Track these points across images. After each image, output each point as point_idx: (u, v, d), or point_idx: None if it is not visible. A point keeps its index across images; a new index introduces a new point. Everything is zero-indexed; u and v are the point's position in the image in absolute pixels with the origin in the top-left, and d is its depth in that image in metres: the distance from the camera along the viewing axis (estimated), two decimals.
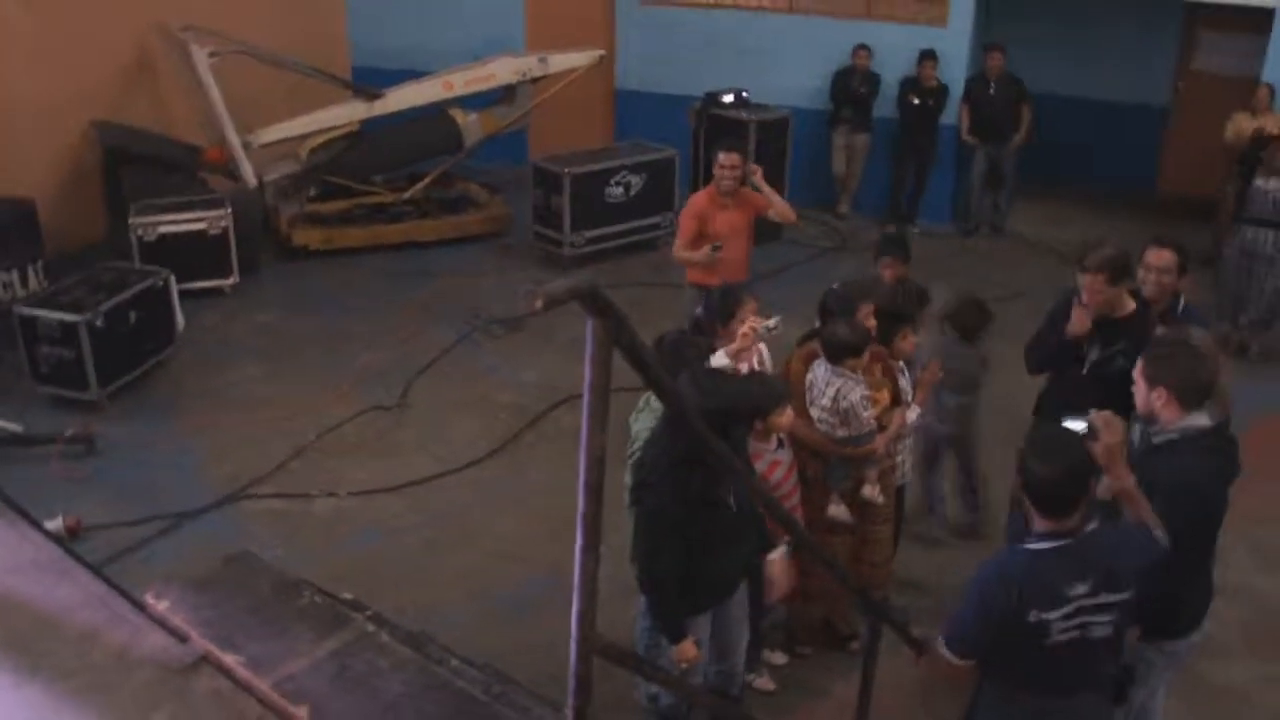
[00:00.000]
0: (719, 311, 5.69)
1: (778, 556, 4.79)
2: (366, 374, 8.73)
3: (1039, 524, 3.62)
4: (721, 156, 7.56)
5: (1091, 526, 3.61)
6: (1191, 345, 4.24)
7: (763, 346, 5.77)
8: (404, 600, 5.76)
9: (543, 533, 6.66)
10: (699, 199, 7.72)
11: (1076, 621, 3.60)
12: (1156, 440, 4.18)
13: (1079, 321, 5.35)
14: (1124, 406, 4.31)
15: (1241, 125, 10.86)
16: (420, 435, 7.95)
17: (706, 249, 7.40)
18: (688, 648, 4.56)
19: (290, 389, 8.49)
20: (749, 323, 5.55)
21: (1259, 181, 9.27)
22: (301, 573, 3.51)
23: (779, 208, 7.71)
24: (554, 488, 7.02)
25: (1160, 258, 5.58)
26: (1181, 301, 5.67)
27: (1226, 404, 4.34)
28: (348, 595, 3.28)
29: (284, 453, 7.56)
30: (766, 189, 7.64)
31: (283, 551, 6.42)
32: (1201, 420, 4.09)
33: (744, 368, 5.53)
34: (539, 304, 2.24)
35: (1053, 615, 3.56)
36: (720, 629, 4.94)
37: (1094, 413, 3.92)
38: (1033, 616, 3.55)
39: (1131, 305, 5.33)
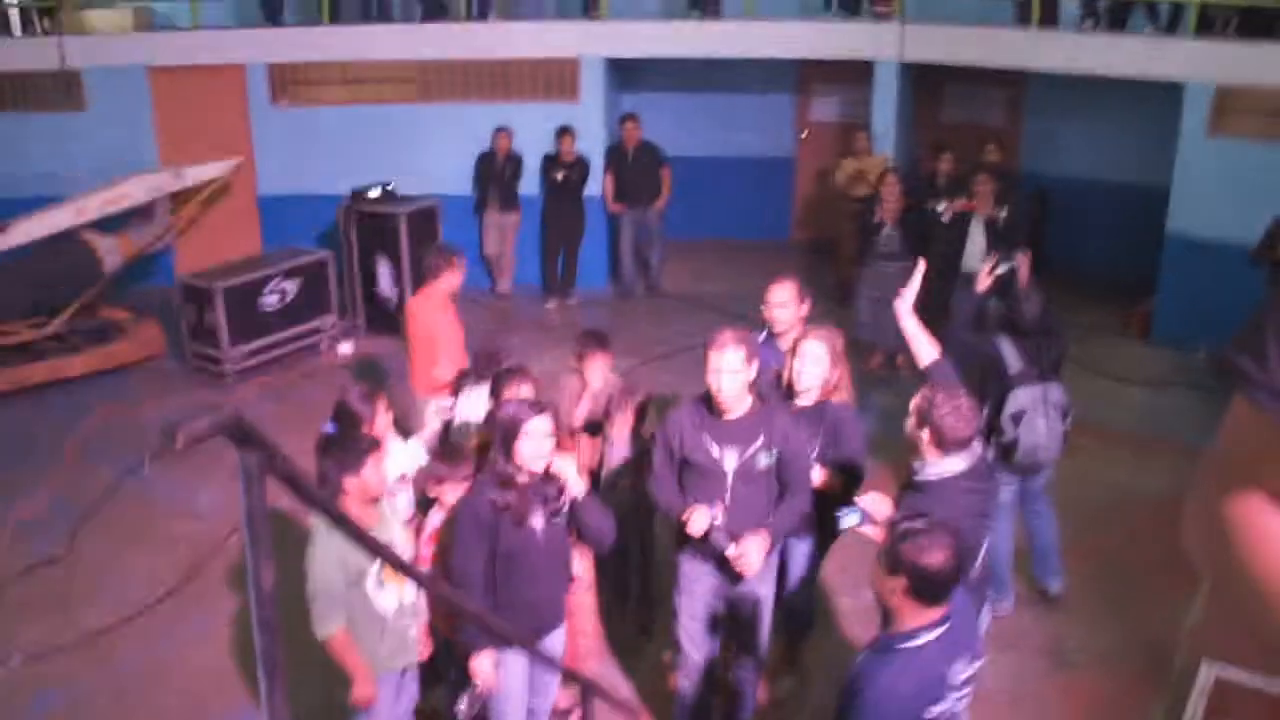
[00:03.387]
0: (347, 419, 5.67)
1: None
2: (26, 527, 8.13)
3: (917, 618, 3.49)
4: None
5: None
6: (955, 397, 4.57)
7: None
8: None
9: (239, 664, 6.41)
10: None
11: (956, 699, 3.60)
12: (918, 478, 4.60)
13: (697, 524, 4.99)
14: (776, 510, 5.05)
15: (847, 168, 11.80)
16: (95, 583, 7.47)
17: None
18: (482, 661, 4.81)
19: None
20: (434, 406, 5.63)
21: (878, 221, 10.05)
22: None
23: None
24: (245, 615, 6.76)
25: (781, 292, 6.08)
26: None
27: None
28: None
29: None
30: None
31: None
32: (960, 464, 4.53)
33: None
34: (179, 444, 2.16)
35: (941, 706, 3.52)
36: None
37: (860, 500, 4.12)
38: (926, 715, 3.48)
39: (750, 399, 5.05)
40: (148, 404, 10.09)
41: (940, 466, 4.54)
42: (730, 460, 4.97)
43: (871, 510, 4.06)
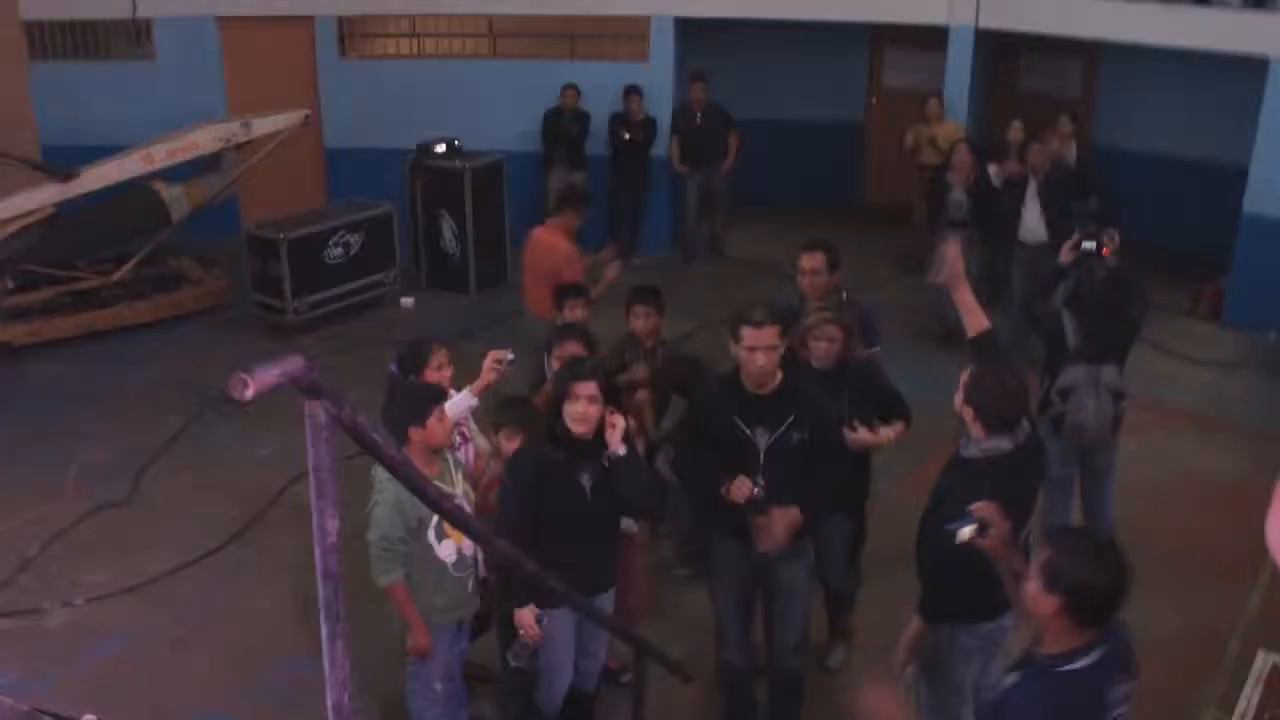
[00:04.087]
0: (410, 362, 5.62)
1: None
2: (91, 471, 8.24)
3: (1075, 638, 3.26)
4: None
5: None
6: (1003, 376, 4.49)
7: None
8: (161, 708, 5.48)
9: (298, 612, 6.46)
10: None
11: None
12: (964, 454, 4.52)
13: (741, 492, 4.85)
14: (810, 489, 4.86)
15: (919, 134, 11.61)
16: (156, 529, 7.56)
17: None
18: (524, 614, 4.83)
19: (8, 497, 7.90)
20: (492, 355, 5.65)
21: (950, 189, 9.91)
22: (40, 697, 3.29)
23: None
24: (304, 563, 6.75)
25: (812, 260, 6.03)
26: (845, 294, 6.14)
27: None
28: (90, 717, 3.09)
29: (8, 568, 7.05)
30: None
31: (16, 675, 6.01)
32: (1005, 444, 4.42)
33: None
34: (248, 393, 2.14)
35: None
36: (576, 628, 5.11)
37: (976, 506, 3.97)
38: None
39: (779, 375, 4.91)
40: (211, 352, 10.19)
41: (985, 445, 4.45)
42: (763, 438, 4.87)
43: (988, 517, 3.92)
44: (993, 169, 10.32)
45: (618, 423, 4.80)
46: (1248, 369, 9.99)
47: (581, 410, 4.73)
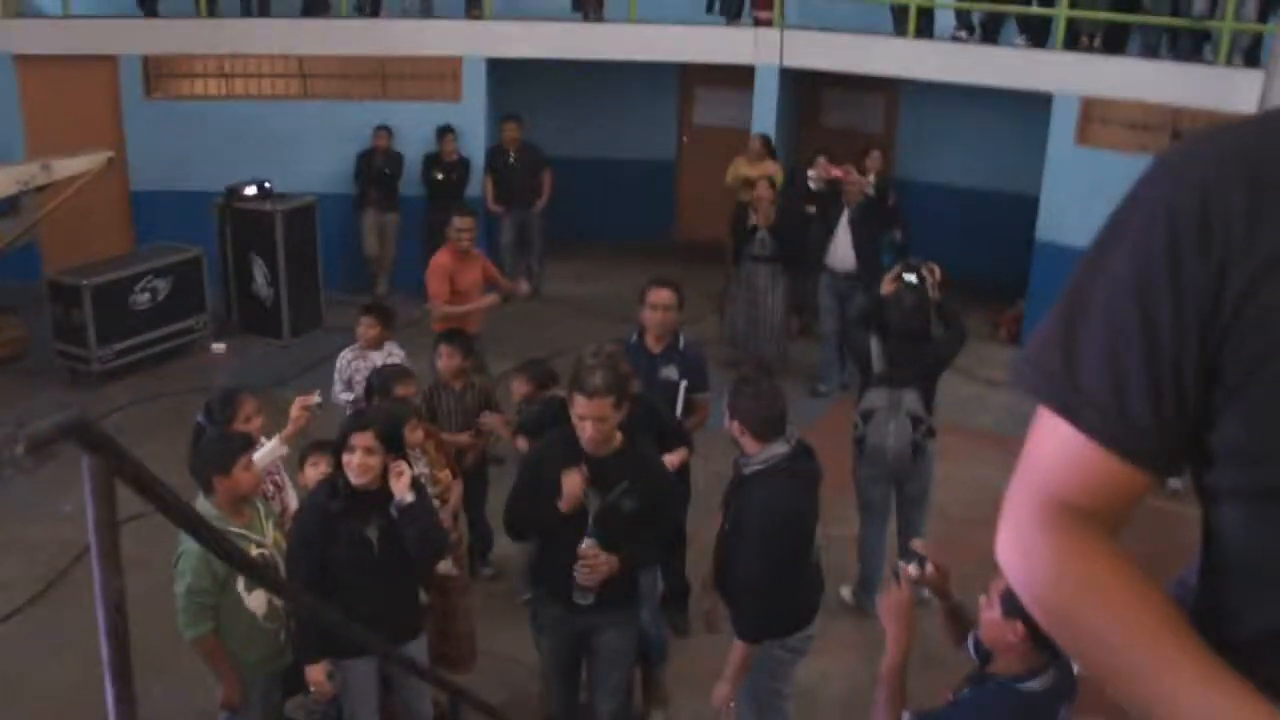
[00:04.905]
0: (219, 412, 5.56)
1: None
2: None
3: (1034, 660, 3.43)
4: (456, 220, 8.41)
5: None
6: (758, 385, 4.70)
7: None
8: None
9: (99, 676, 6.23)
10: (442, 258, 8.35)
11: None
12: (746, 471, 4.69)
13: (571, 489, 4.71)
14: (633, 549, 4.81)
15: (740, 170, 11.82)
16: None
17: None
18: (314, 671, 4.76)
19: None
20: (299, 400, 5.63)
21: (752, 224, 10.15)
22: None
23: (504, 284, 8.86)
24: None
25: (660, 295, 6.17)
26: (681, 339, 6.26)
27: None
28: None
29: None
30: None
31: None
32: (780, 449, 4.61)
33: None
34: (20, 449, 2.08)
35: None
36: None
37: (916, 543, 4.11)
38: None
39: (619, 439, 4.81)
40: (9, 404, 9.78)
41: (761, 455, 4.64)
42: (594, 502, 4.74)
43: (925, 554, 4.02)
44: (816, 171, 10.56)
45: (403, 470, 4.77)
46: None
47: (359, 461, 4.69)
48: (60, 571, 7.40)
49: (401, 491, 4.74)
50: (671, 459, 5.66)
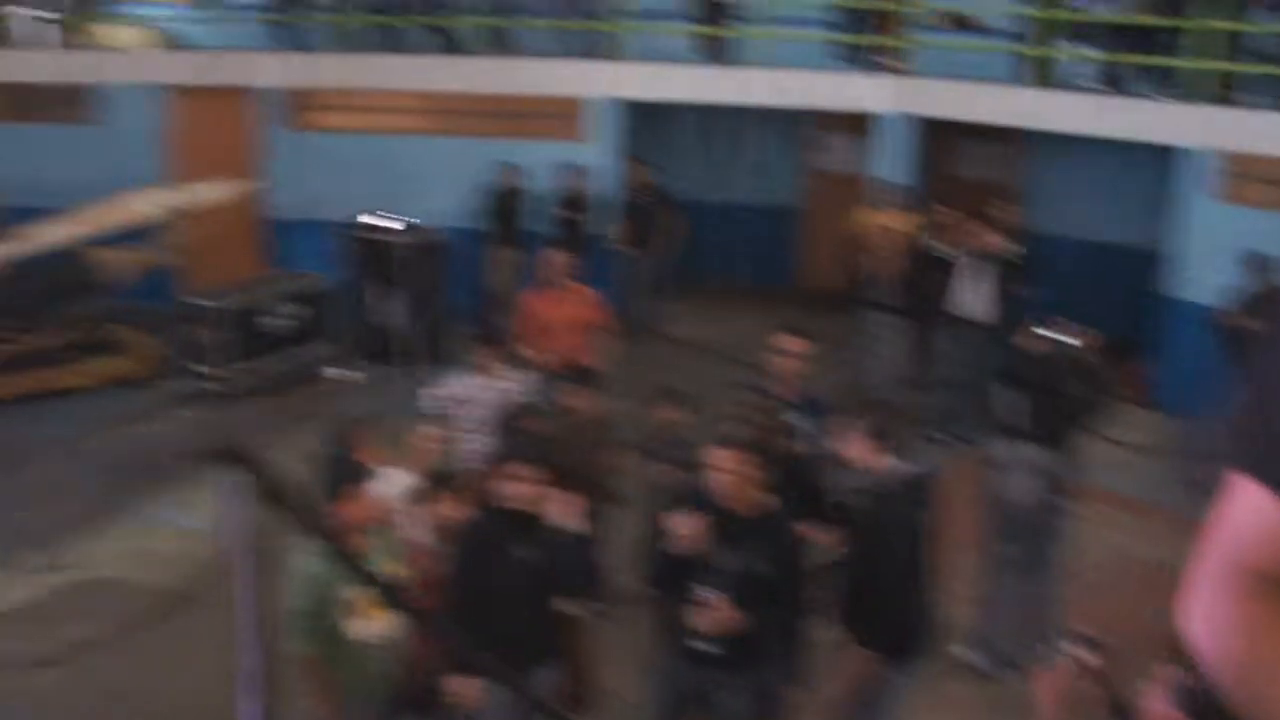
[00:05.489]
0: (340, 440, 5.69)
1: None
2: (16, 535, 8.11)
3: None
4: (548, 255, 8.74)
5: None
6: (882, 405, 4.72)
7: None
8: None
9: (222, 691, 6.34)
10: (530, 294, 8.72)
11: None
12: (871, 488, 4.80)
13: (687, 529, 4.65)
14: (770, 619, 4.68)
15: (867, 217, 11.70)
16: (80, 599, 7.45)
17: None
18: (464, 683, 4.80)
19: None
20: (423, 433, 5.87)
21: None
22: None
23: None
24: (230, 640, 6.70)
25: (793, 344, 6.15)
26: (810, 387, 6.26)
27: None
28: None
29: None
30: None
31: None
32: (906, 466, 4.84)
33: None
34: (174, 462, 2.23)
35: None
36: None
37: (1079, 623, 3.97)
38: None
39: (763, 499, 4.74)
40: (144, 420, 10.10)
41: (888, 470, 4.79)
42: (726, 559, 4.66)
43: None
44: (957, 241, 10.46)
45: (565, 500, 4.89)
46: (1174, 453, 10.16)
47: (518, 488, 4.82)
48: (182, 586, 7.57)
49: (563, 519, 4.90)
50: (820, 536, 5.43)
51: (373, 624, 4.89)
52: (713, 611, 4.66)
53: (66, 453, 9.48)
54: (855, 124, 12.97)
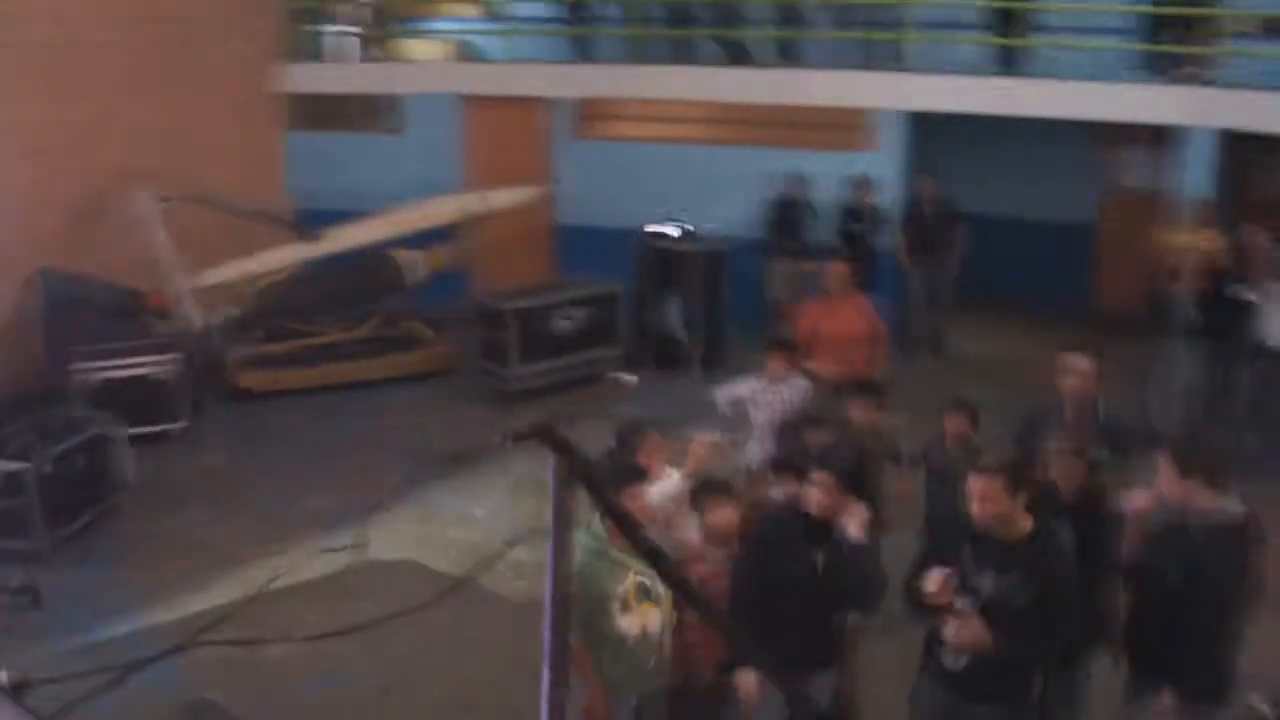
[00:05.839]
0: (624, 442, 5.84)
1: None
2: (316, 516, 8.66)
3: None
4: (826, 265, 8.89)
5: None
6: (1207, 436, 4.59)
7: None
8: None
9: (500, 676, 6.59)
10: (808, 303, 8.87)
11: None
12: (1200, 525, 4.64)
13: (935, 588, 4.50)
14: (1022, 649, 4.50)
15: (1173, 237, 11.14)
16: (371, 577, 7.85)
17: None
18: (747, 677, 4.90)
19: (239, 533, 8.43)
20: (700, 439, 5.84)
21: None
22: None
23: None
24: (510, 626, 6.96)
25: (1078, 362, 5.91)
26: (1102, 410, 5.96)
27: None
28: None
29: (233, 596, 7.44)
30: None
31: (234, 700, 6.30)
32: (1236, 505, 4.69)
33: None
34: (506, 441, 2.37)
35: None
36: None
37: None
38: None
39: (1027, 526, 4.57)
40: (435, 413, 10.58)
41: (1218, 507, 4.63)
42: (986, 583, 4.54)
43: None
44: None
45: (858, 512, 4.95)
46: None
47: (818, 496, 4.96)
48: (469, 572, 7.85)
49: (854, 531, 4.95)
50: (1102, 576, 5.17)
51: (640, 619, 4.97)
52: (963, 627, 4.53)
53: (363, 442, 10.03)
54: (1156, 137, 12.39)
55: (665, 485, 5.57)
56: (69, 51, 10.91)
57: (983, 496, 4.46)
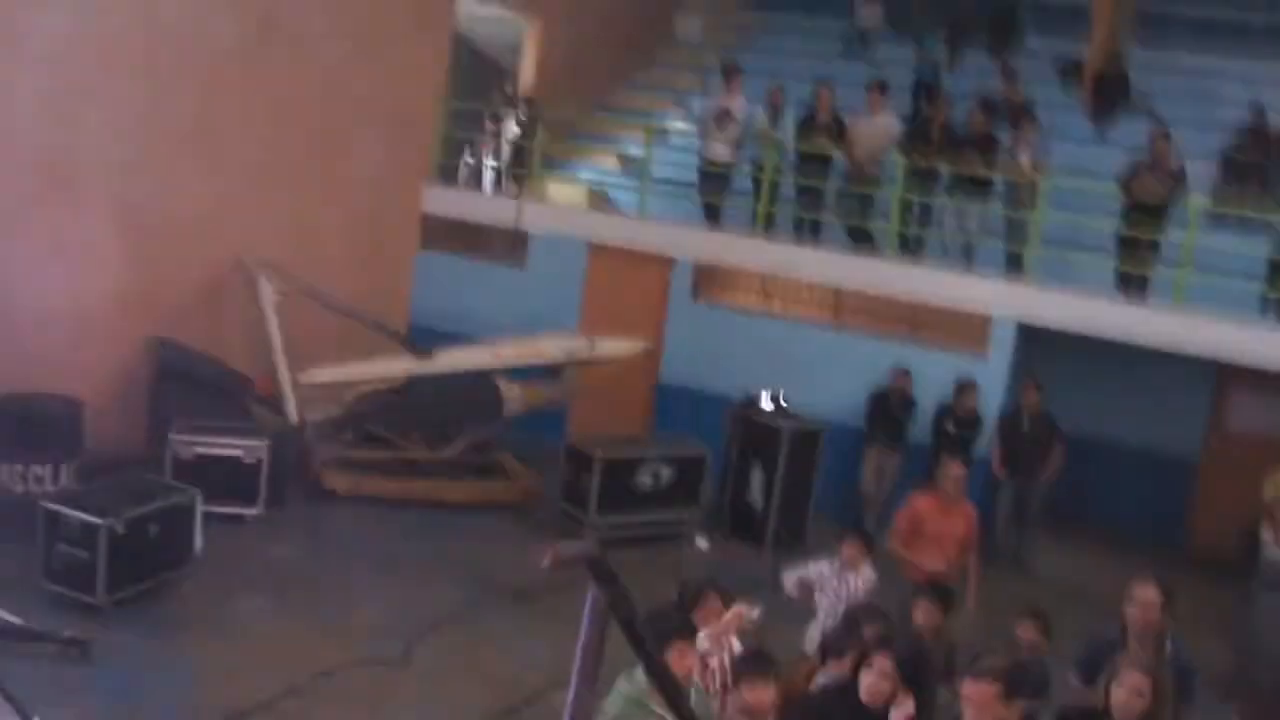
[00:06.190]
0: (687, 598, 5.84)
1: None
2: (372, 623, 8.69)
3: None
4: (947, 466, 8.77)
5: None
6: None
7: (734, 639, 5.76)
8: None
9: None
10: (919, 499, 8.68)
11: None
12: None
13: None
14: None
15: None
16: (415, 694, 7.84)
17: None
18: None
19: (294, 626, 8.48)
20: (735, 610, 5.69)
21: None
22: None
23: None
24: None
25: (1145, 592, 5.78)
26: (1170, 643, 5.81)
27: None
28: None
29: (276, 689, 7.44)
30: None
31: None
32: None
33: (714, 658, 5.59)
34: (549, 561, 2.39)
35: None
36: None
37: None
38: None
39: None
40: (506, 545, 10.57)
41: None
42: None
43: None
44: None
45: (906, 705, 4.90)
46: None
47: (873, 682, 4.93)
48: (511, 707, 7.79)
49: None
50: None
51: None
52: None
53: (431, 560, 10.07)
54: (1275, 383, 12.13)
55: (715, 647, 5.51)
56: (217, 132, 11.57)
57: (978, 703, 4.47)
